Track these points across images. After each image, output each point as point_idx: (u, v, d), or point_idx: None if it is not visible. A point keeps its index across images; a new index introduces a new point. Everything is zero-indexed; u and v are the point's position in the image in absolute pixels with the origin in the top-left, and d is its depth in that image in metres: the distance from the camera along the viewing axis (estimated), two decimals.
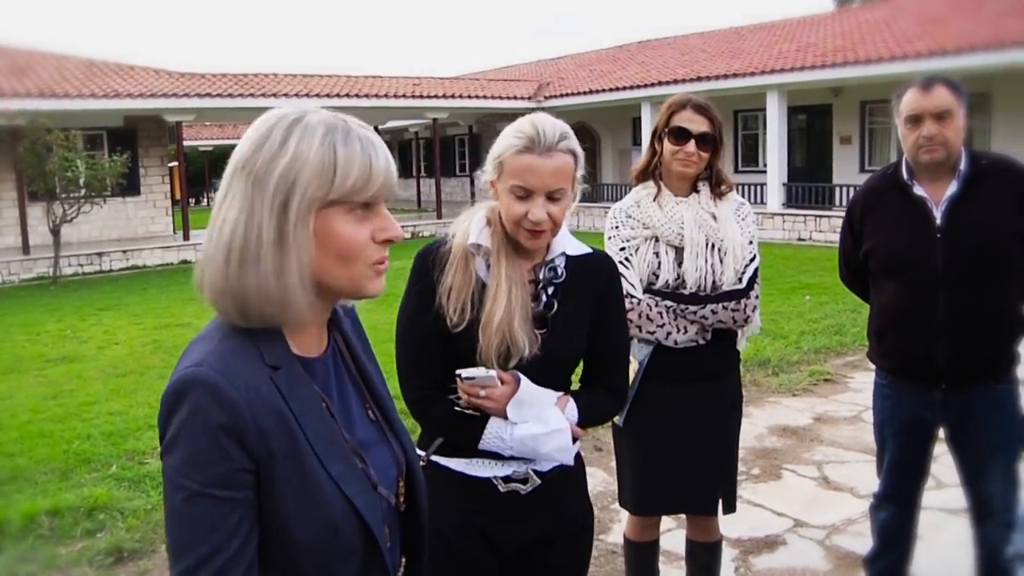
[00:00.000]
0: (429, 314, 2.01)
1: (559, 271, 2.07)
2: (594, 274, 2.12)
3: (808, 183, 21.38)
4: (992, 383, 2.97)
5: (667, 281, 2.85)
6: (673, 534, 3.78)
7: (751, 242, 2.93)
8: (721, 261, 2.85)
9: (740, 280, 2.87)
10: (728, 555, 3.94)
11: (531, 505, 2.09)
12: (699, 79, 21.49)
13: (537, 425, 1.99)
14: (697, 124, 2.82)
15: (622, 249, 2.90)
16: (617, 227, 2.94)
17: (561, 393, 2.07)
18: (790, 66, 20.14)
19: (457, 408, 2.04)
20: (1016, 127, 18.74)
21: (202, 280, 1.27)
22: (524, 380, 1.99)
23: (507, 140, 1.98)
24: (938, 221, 2.91)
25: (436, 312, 2.00)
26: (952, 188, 2.91)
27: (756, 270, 2.92)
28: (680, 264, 2.85)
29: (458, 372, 1.96)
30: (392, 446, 1.45)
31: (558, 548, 2.17)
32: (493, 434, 2.01)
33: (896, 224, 3.01)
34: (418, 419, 2.14)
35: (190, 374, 1.21)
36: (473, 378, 1.95)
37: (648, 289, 2.87)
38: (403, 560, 1.49)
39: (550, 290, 2.06)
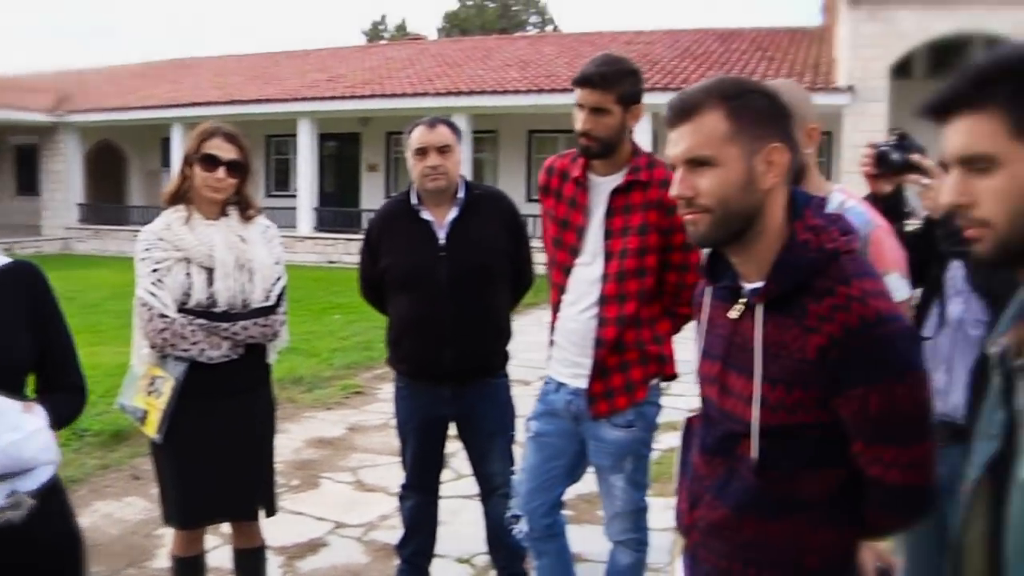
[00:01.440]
0: None
1: None
2: (20, 280, 2.13)
3: (338, 208, 22.27)
4: (490, 379, 3.46)
5: (199, 300, 2.93)
6: (219, 551, 3.81)
7: (278, 263, 3.10)
8: (251, 280, 2.99)
9: (268, 298, 3.04)
10: (275, 562, 4.06)
11: (28, 533, 1.99)
12: (232, 102, 21.40)
13: (13, 432, 1.93)
14: (227, 152, 2.95)
15: (155, 271, 2.92)
16: (148, 249, 2.96)
17: (24, 402, 2.04)
18: (321, 95, 20.88)
19: None
20: (514, 159, 21.35)
21: None
22: None
23: None
24: (441, 241, 3.33)
25: None
26: (452, 213, 3.35)
27: (283, 288, 3.10)
28: (211, 284, 2.95)
29: None
30: None
31: (64, 572, 2.16)
32: None
33: (407, 243, 3.38)
34: None
35: None
36: None
37: (182, 308, 2.93)
38: None
39: None
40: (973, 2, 15.34)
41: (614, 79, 2.74)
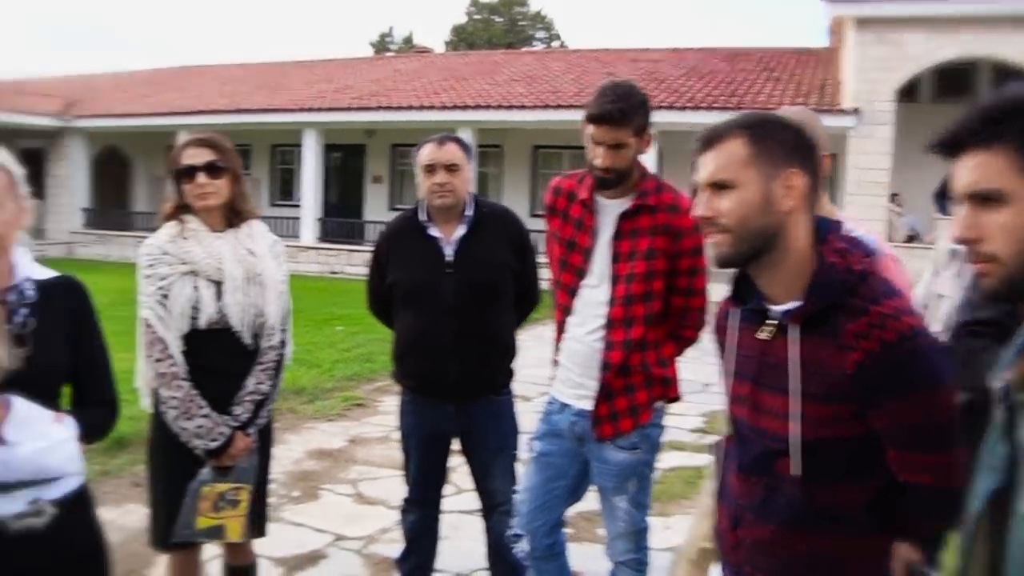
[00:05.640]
0: None
1: (27, 293, 2.11)
2: (65, 293, 2.20)
3: (341, 219, 22.27)
4: (494, 396, 3.47)
5: (210, 315, 2.89)
6: (212, 563, 3.80)
7: (283, 280, 3.08)
8: (262, 295, 2.97)
9: (282, 322, 3.05)
10: (274, 573, 4.08)
11: (49, 539, 2.05)
12: (239, 111, 21.50)
13: (40, 440, 1.98)
14: (200, 156, 2.90)
15: (159, 288, 2.88)
16: (152, 265, 2.91)
17: (56, 412, 2.09)
18: (328, 105, 20.92)
19: None
20: (519, 174, 21.40)
21: None
22: (17, 400, 1.97)
23: None
24: (449, 258, 3.34)
25: None
26: (460, 230, 3.37)
27: (288, 310, 3.11)
28: (220, 298, 2.91)
29: None
30: None
31: None
32: None
33: (415, 259, 3.39)
34: None
35: None
36: None
37: (194, 328, 2.88)
38: None
39: (23, 311, 2.09)
40: (981, 27, 15.41)
41: (631, 114, 2.78)
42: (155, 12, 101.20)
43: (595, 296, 2.93)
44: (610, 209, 2.92)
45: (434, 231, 3.38)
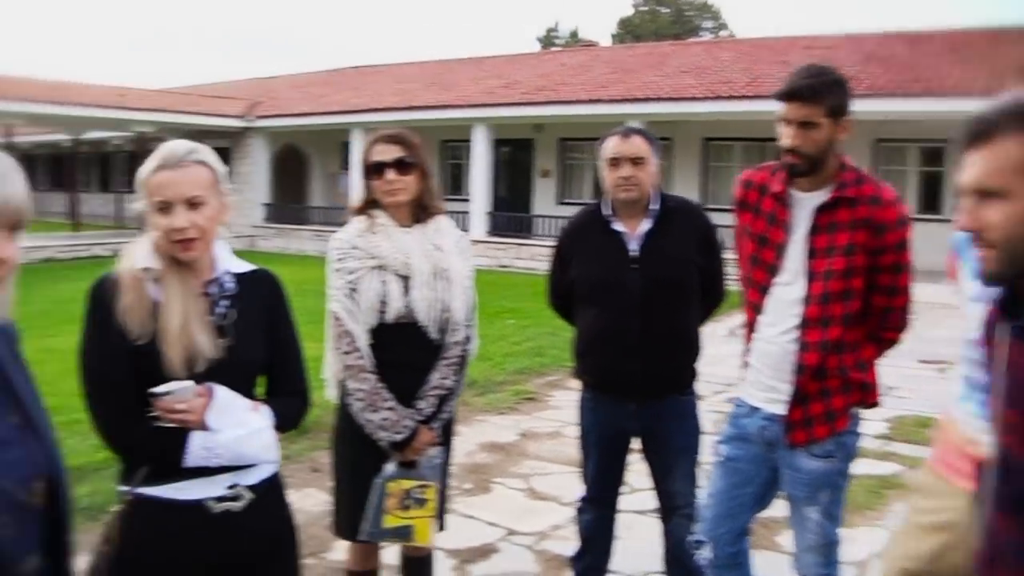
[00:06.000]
0: (111, 339, 2.03)
1: (228, 285, 2.17)
2: (261, 285, 2.27)
3: (510, 213, 22.43)
4: (678, 395, 3.36)
5: (398, 310, 2.91)
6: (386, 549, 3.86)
7: (468, 276, 3.08)
8: (449, 290, 2.97)
9: (468, 317, 3.04)
10: (447, 564, 4.11)
11: (245, 523, 2.14)
12: (410, 108, 21.98)
13: (239, 428, 2.06)
14: (389, 153, 2.93)
15: (348, 282, 2.92)
16: (342, 259, 2.96)
17: (253, 401, 2.17)
18: (497, 101, 21.15)
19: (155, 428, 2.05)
20: (688, 167, 20.99)
21: None
22: (219, 388, 2.05)
23: (144, 166, 2.09)
24: (633, 253, 3.26)
25: (118, 335, 2.02)
26: (646, 224, 3.28)
27: (473, 305, 3.11)
28: (407, 293, 2.93)
29: (152, 391, 1.98)
30: (30, 450, 1.55)
31: (274, 563, 2.26)
32: (197, 445, 2.03)
33: (598, 254, 3.33)
34: (116, 447, 2.12)
35: None
36: (169, 392, 1.97)
37: (381, 322, 2.92)
38: (40, 560, 1.58)
39: (224, 302, 2.15)
40: None
41: (823, 91, 2.61)
42: (331, 16, 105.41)
43: (788, 294, 2.77)
44: (805, 202, 2.75)
45: (618, 225, 3.31)
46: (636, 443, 3.46)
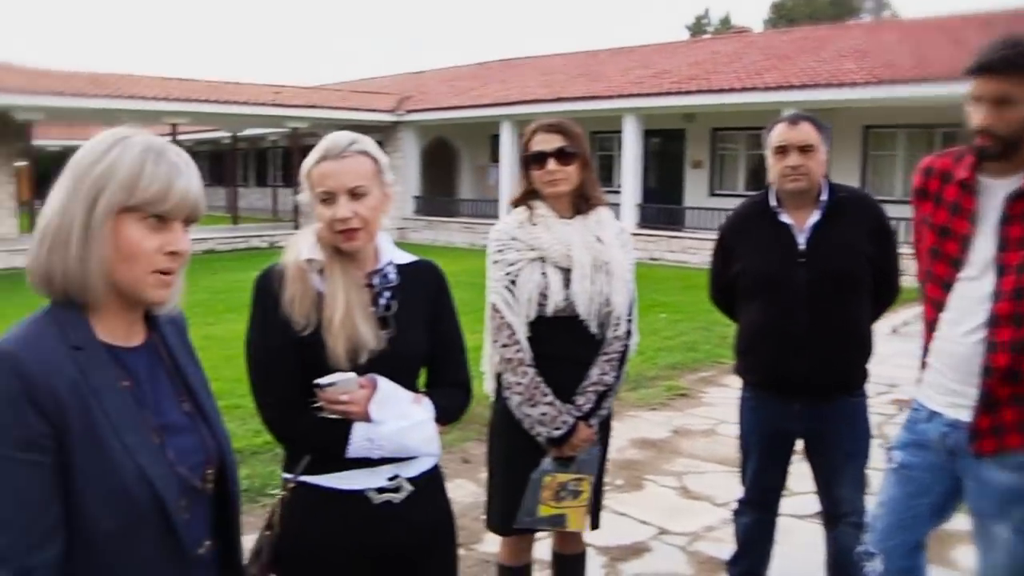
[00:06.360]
0: (277, 329, 2.06)
1: (391, 276, 2.18)
2: (423, 276, 2.27)
3: (661, 205, 22.11)
4: (847, 396, 3.19)
5: (557, 303, 2.85)
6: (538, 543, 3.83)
7: (629, 270, 3.01)
8: (609, 283, 2.90)
9: (629, 311, 2.98)
10: (597, 562, 4.06)
11: (404, 514, 2.14)
12: (559, 100, 21.90)
13: (401, 420, 2.07)
14: (550, 143, 2.86)
15: (507, 274, 2.88)
16: (501, 250, 2.92)
17: (415, 393, 2.17)
18: (647, 91, 20.84)
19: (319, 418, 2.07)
20: (847, 157, 20.14)
21: (29, 265, 1.48)
22: (381, 380, 2.06)
23: (308, 158, 2.12)
24: (801, 246, 3.11)
25: (283, 325, 2.05)
26: (814, 216, 3.12)
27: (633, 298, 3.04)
28: (567, 286, 2.87)
29: (316, 381, 1.99)
30: (202, 436, 1.59)
31: (432, 555, 2.25)
32: (360, 436, 2.04)
33: (763, 247, 3.19)
34: (280, 436, 2.16)
35: None
36: (333, 384, 1.99)
37: (540, 315, 2.87)
38: (211, 543, 1.62)
39: (387, 293, 2.15)
40: None
41: (1021, 64, 2.33)
42: (476, 10, 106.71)
43: (975, 290, 2.54)
44: (996, 190, 2.51)
45: (785, 217, 3.16)
46: (798, 444, 3.32)
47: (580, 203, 2.96)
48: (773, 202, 3.20)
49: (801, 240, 3.12)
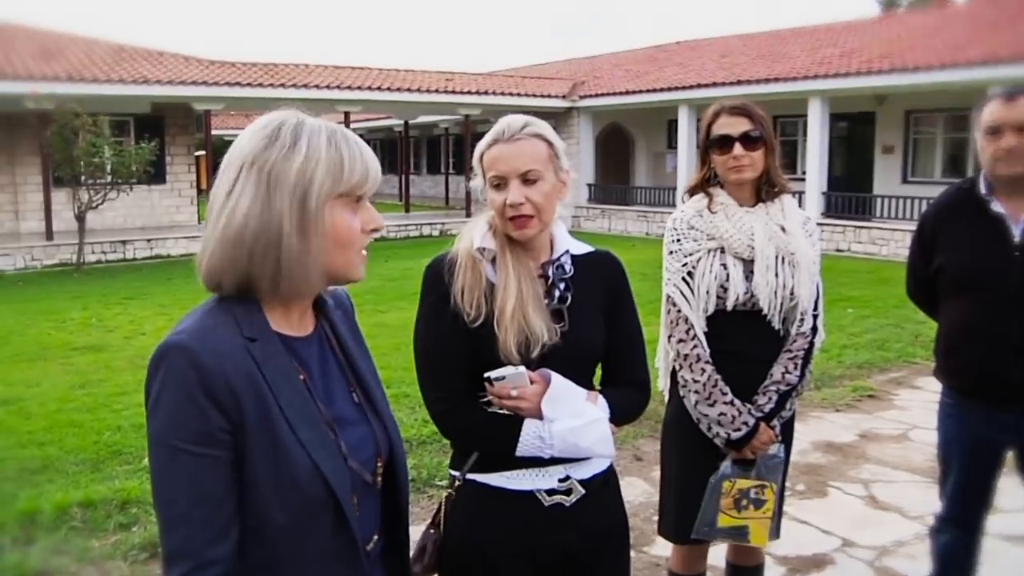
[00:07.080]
0: (446, 319, 2.01)
1: (566, 267, 2.10)
2: (601, 268, 2.16)
3: (848, 193, 21.04)
4: None
5: (738, 296, 2.71)
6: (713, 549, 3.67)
7: (815, 262, 2.83)
8: (793, 276, 2.73)
9: (815, 304, 2.80)
10: (776, 572, 3.88)
11: (575, 517, 2.06)
12: (739, 83, 21.23)
13: (574, 419, 1.98)
14: (736, 126, 2.73)
15: (684, 265, 2.76)
16: (679, 240, 2.80)
17: (590, 391, 2.07)
18: (834, 72, 19.79)
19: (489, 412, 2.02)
20: None
21: (202, 264, 1.43)
22: (555, 375, 1.98)
23: (481, 142, 2.06)
24: (1017, 239, 2.81)
25: (453, 316, 2.01)
26: None
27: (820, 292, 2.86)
28: (748, 278, 2.72)
29: (487, 375, 1.94)
30: (373, 428, 1.56)
31: (602, 561, 2.14)
32: (531, 434, 1.97)
33: (971, 240, 2.91)
34: (448, 430, 2.12)
35: (169, 342, 1.35)
36: (503, 378, 1.93)
37: (720, 309, 2.73)
38: (378, 537, 1.60)
39: (561, 285, 2.07)
40: None
41: None
42: None
43: None
44: None
45: (998, 207, 2.85)
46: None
47: (763, 190, 2.79)
48: (984, 190, 2.90)
49: (1016, 233, 2.82)
